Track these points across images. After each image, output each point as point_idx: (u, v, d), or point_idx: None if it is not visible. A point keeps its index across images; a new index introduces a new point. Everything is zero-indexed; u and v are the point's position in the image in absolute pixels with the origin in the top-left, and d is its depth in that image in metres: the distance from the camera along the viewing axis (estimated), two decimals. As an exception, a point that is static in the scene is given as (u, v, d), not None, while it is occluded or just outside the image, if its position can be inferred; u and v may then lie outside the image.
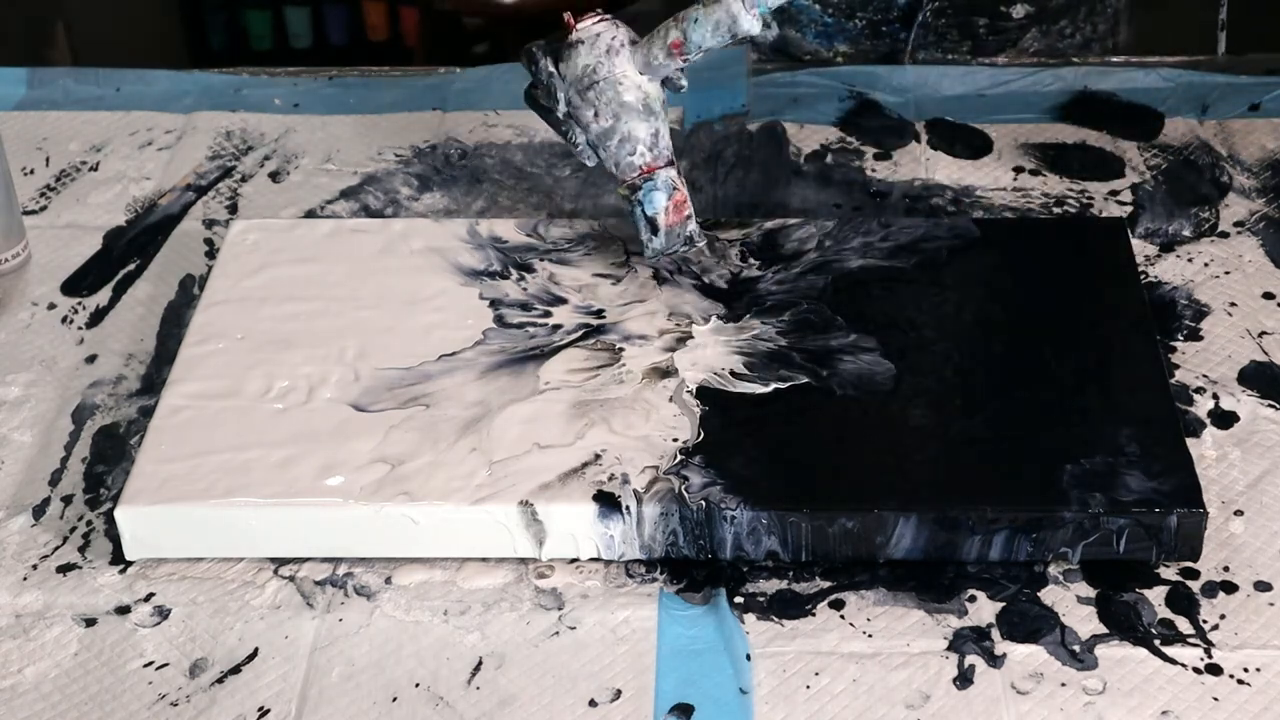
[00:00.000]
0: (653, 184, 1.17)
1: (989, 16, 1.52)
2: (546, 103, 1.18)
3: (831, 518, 1.01)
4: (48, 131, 1.47)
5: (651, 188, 1.17)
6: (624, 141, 1.16)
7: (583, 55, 1.16)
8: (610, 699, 0.97)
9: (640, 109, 1.16)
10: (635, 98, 1.16)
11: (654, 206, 1.17)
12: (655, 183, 1.17)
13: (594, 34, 1.16)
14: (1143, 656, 0.98)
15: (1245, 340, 1.19)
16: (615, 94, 1.15)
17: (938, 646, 0.99)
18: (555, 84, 1.17)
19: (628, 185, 1.17)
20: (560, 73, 1.16)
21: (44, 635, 1.02)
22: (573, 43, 1.16)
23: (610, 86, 1.15)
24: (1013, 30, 1.53)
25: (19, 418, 1.17)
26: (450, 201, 1.36)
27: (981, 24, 1.52)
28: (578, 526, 1.03)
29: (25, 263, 1.31)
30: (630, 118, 1.16)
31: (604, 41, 1.15)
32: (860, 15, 1.51)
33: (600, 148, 1.17)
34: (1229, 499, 1.07)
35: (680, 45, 1.15)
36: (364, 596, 1.03)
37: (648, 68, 1.16)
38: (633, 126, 1.16)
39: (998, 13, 1.52)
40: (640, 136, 1.16)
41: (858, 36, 1.52)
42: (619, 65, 1.16)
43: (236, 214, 1.36)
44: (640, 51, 1.16)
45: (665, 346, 1.14)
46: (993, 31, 1.52)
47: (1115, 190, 1.35)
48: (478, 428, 1.08)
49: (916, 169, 1.38)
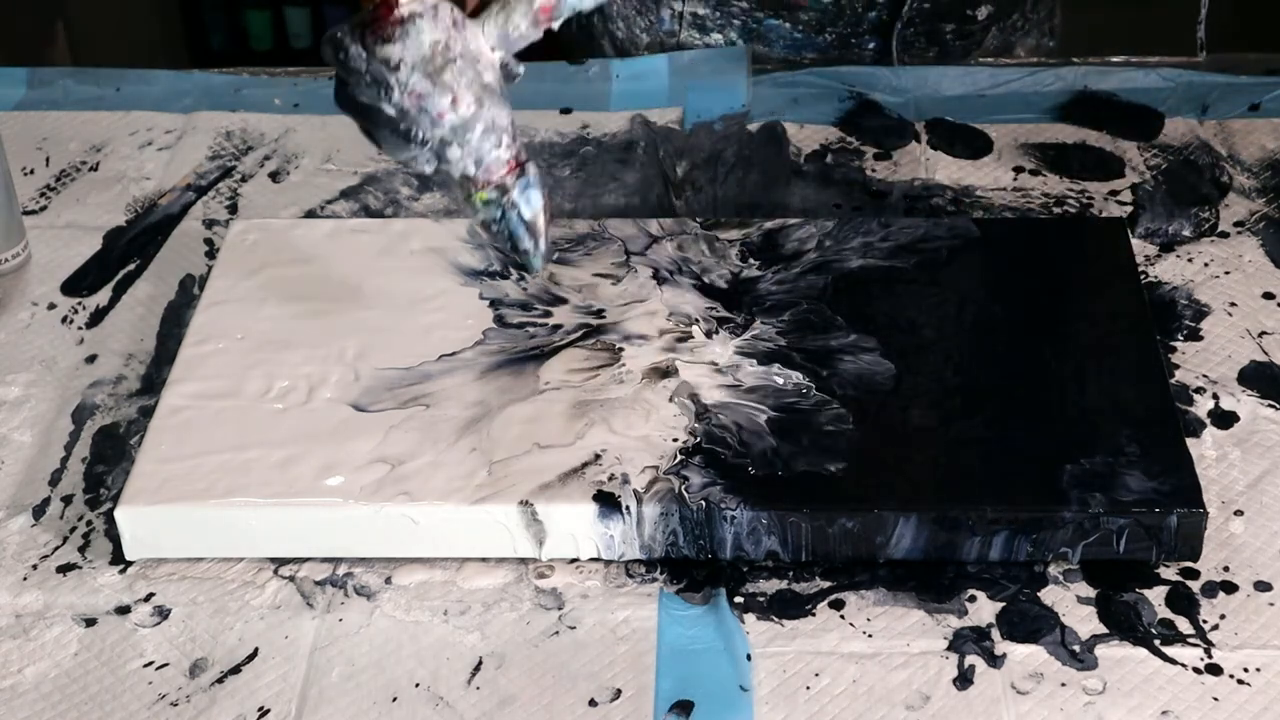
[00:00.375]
0: (526, 180, 0.99)
1: (955, 21, 1.52)
2: (368, 98, 0.97)
3: (831, 518, 1.02)
4: (48, 131, 1.47)
5: (526, 185, 0.99)
6: (488, 132, 0.97)
7: (426, 31, 0.95)
8: (610, 699, 0.97)
9: (499, 91, 0.98)
10: (493, 78, 0.98)
11: (533, 206, 0.99)
12: (528, 179, 0.99)
13: (430, 6, 0.96)
14: (1143, 656, 0.98)
15: (1245, 340, 1.19)
16: (475, 73, 0.97)
17: (938, 646, 0.99)
18: (383, 71, 0.96)
19: (494, 186, 0.99)
20: (390, 58, 0.95)
21: (44, 635, 1.02)
22: (404, 18, 0.95)
23: (469, 65, 0.96)
24: (977, 33, 1.53)
25: (19, 418, 1.17)
26: (450, 201, 1.36)
27: (949, 29, 1.53)
28: (578, 526, 1.03)
29: (25, 263, 1.31)
30: (493, 103, 0.97)
31: (445, 14, 0.96)
32: (830, 30, 1.51)
33: (455, 144, 0.97)
34: (1229, 499, 1.07)
35: (551, 9, 0.97)
36: (364, 596, 1.03)
37: (502, 41, 0.98)
38: (496, 114, 0.98)
39: (964, 16, 1.52)
40: (504, 125, 0.98)
41: (826, 49, 1.52)
42: (471, 40, 0.97)
43: (236, 214, 1.36)
44: (491, 23, 0.98)
45: (665, 346, 1.14)
46: (959, 36, 1.53)
47: (1115, 190, 1.34)
48: (478, 428, 1.08)
49: (916, 169, 1.38)
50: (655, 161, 1.38)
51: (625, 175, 1.38)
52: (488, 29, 0.98)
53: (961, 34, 1.53)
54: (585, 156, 1.40)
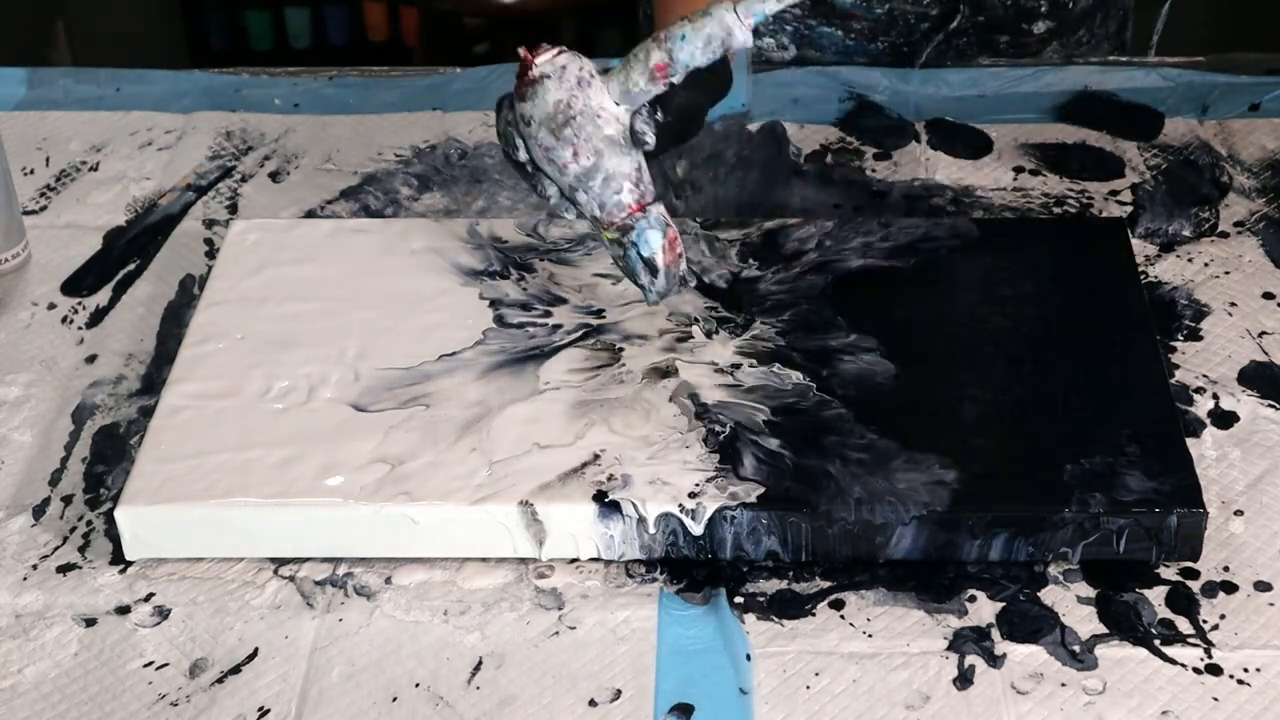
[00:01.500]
0: (646, 222, 1.09)
1: (1011, 34, 1.52)
2: (514, 154, 1.10)
3: (831, 518, 1.02)
4: (48, 131, 1.47)
5: (645, 226, 1.09)
6: (609, 180, 1.08)
7: (551, 90, 1.06)
8: (610, 699, 0.97)
9: (622, 143, 1.07)
10: (616, 131, 1.07)
11: (650, 246, 1.09)
12: (648, 220, 1.09)
13: (559, 66, 1.07)
14: (1143, 656, 0.98)
15: (1245, 340, 1.19)
16: (595, 128, 1.07)
17: (938, 646, 0.99)
18: (513, 132, 1.09)
19: (616, 227, 1.09)
20: (525, 115, 1.07)
21: (44, 635, 1.02)
22: (535, 79, 1.07)
23: (589, 120, 1.06)
24: (1033, 44, 1.53)
25: (19, 418, 1.17)
26: (450, 201, 1.36)
27: (1003, 40, 1.52)
28: (578, 526, 1.03)
29: (25, 263, 1.32)
30: (613, 153, 1.07)
31: (572, 74, 1.06)
32: (883, 39, 1.51)
33: (580, 190, 1.08)
34: (1229, 499, 1.07)
35: (665, 68, 1.06)
36: (364, 596, 1.03)
37: (625, 97, 1.07)
38: (616, 163, 1.08)
39: (1019, 29, 1.52)
40: (625, 172, 1.08)
41: (879, 56, 1.52)
42: (594, 97, 1.07)
43: (236, 214, 1.36)
44: (615, 81, 1.07)
45: (665, 346, 1.14)
46: (1014, 47, 1.52)
47: (1115, 190, 1.35)
48: (478, 428, 1.08)
49: (916, 169, 1.38)
50: (655, 161, 1.38)
51: (625, 175, 1.38)
52: (612, 86, 1.07)
53: (1016, 45, 1.52)
54: (585, 156, 1.40)
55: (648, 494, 1.02)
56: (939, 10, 1.49)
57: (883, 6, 1.48)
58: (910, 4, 1.49)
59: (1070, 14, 1.52)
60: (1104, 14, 1.55)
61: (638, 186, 1.09)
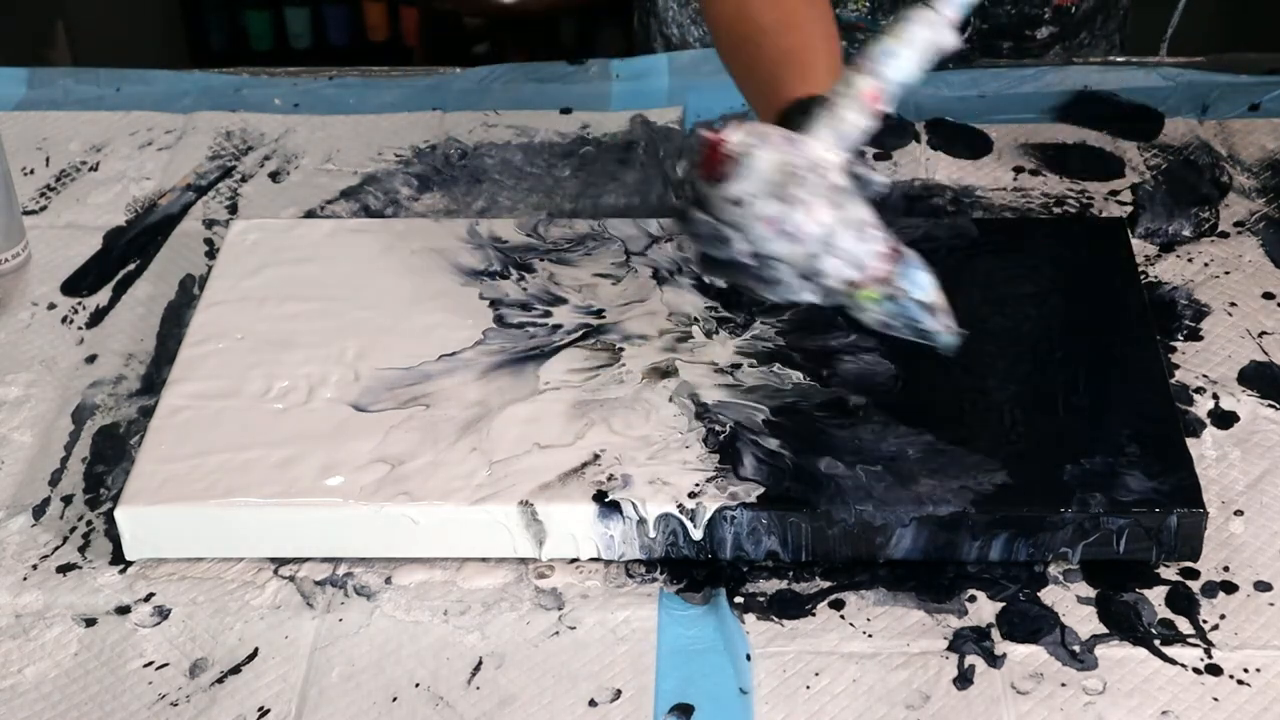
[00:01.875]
0: (907, 263, 0.96)
1: (1014, 40, 1.52)
2: (724, 252, 0.95)
3: (831, 518, 1.02)
4: (48, 131, 1.47)
5: (908, 267, 0.96)
6: (855, 231, 0.95)
7: (761, 157, 0.93)
8: (610, 699, 0.97)
9: (853, 190, 0.95)
10: (841, 178, 0.94)
11: (923, 287, 0.96)
12: (909, 260, 0.96)
13: (758, 134, 0.94)
14: (1143, 656, 0.98)
15: (1245, 340, 1.19)
16: (823, 180, 0.94)
17: (938, 646, 0.99)
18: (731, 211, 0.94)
19: (878, 281, 0.95)
20: (733, 196, 0.93)
21: (44, 635, 1.02)
22: (736, 154, 0.93)
23: (815, 175, 0.93)
24: (1036, 49, 1.52)
25: (19, 418, 1.17)
26: (450, 201, 1.36)
27: (1006, 47, 1.52)
28: (578, 526, 1.03)
29: (25, 263, 1.31)
30: (850, 202, 0.95)
31: (774, 135, 0.94)
32: None
33: (827, 255, 0.94)
34: (1229, 499, 1.07)
35: (879, 93, 0.95)
36: (364, 596, 1.03)
37: (840, 140, 0.95)
38: (855, 211, 0.95)
39: (1022, 35, 1.52)
40: (868, 219, 0.95)
41: None
42: (809, 149, 0.94)
43: (236, 214, 1.36)
44: (820, 128, 0.96)
45: (665, 346, 1.14)
46: (1016, 53, 1.52)
47: (1115, 190, 1.35)
48: (478, 428, 1.08)
49: (916, 169, 1.38)
50: (655, 161, 1.38)
51: (625, 175, 1.38)
52: (821, 135, 0.96)
53: (1019, 51, 1.52)
54: (585, 156, 1.40)
55: (648, 494, 1.02)
56: None
57: (887, 19, 1.47)
58: None
59: (1073, 19, 1.52)
60: (1104, 15, 1.55)
61: (884, 230, 0.96)
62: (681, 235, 0.98)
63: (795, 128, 0.97)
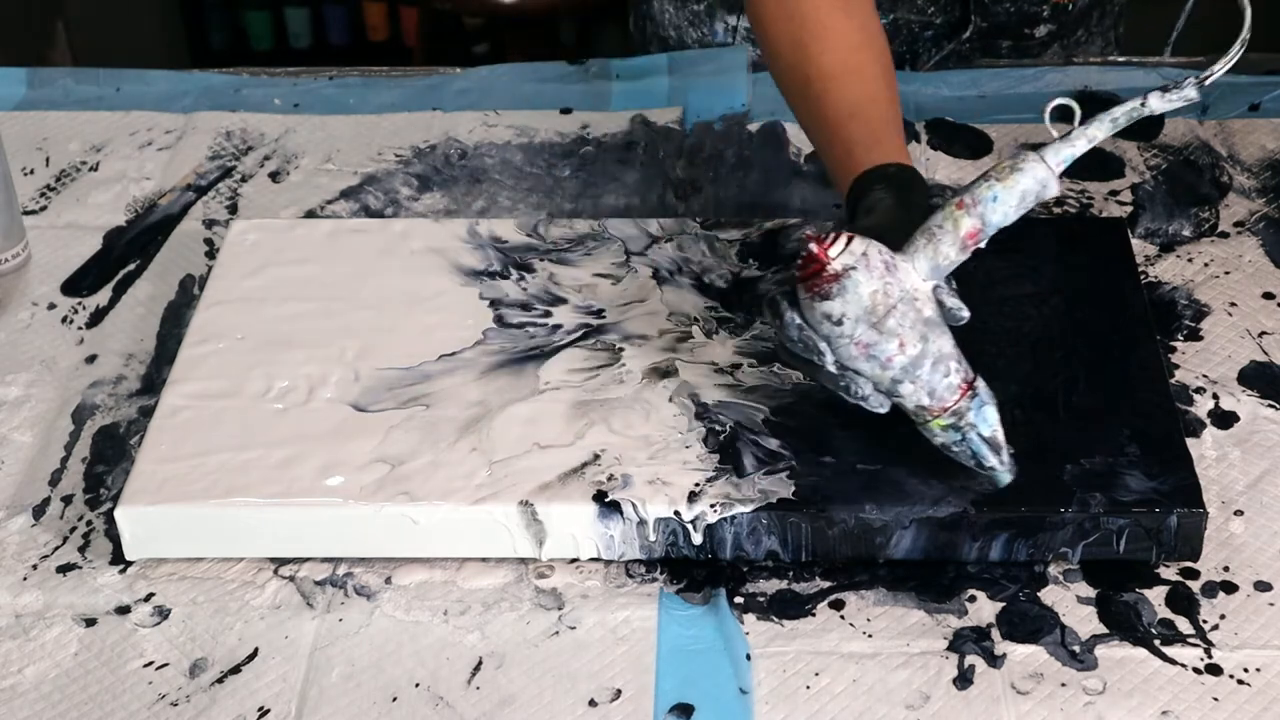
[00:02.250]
0: (979, 399, 0.99)
1: (1013, 38, 1.52)
2: (807, 355, 1.00)
3: (831, 518, 1.01)
4: (48, 131, 1.47)
5: (979, 403, 0.99)
6: (937, 364, 0.98)
7: (863, 283, 0.96)
8: (610, 699, 0.97)
9: (939, 322, 0.99)
10: (933, 311, 0.99)
11: (990, 424, 1.00)
12: (981, 396, 1.00)
13: (860, 255, 0.97)
14: (1143, 656, 0.98)
15: (1245, 340, 1.19)
16: (916, 313, 0.98)
17: (938, 646, 0.99)
18: (811, 337, 0.99)
19: (950, 412, 0.99)
20: (832, 315, 0.97)
21: (44, 635, 1.02)
22: (839, 274, 0.96)
23: (910, 307, 0.97)
24: (1034, 47, 1.52)
25: (19, 418, 1.17)
26: (450, 201, 1.36)
27: (1005, 45, 1.52)
28: (578, 526, 1.03)
29: (25, 263, 1.31)
30: (935, 335, 0.99)
31: (875, 260, 0.97)
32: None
33: (906, 381, 0.99)
34: (1229, 499, 1.07)
35: (978, 234, 0.99)
36: (364, 596, 1.03)
37: (934, 272, 0.99)
38: (940, 344, 0.99)
39: (1021, 34, 1.52)
40: (949, 352, 0.99)
41: None
42: (905, 279, 0.98)
43: (236, 214, 1.36)
44: (922, 256, 0.99)
45: (665, 346, 1.14)
46: (1015, 52, 1.52)
47: (1115, 190, 1.35)
48: (478, 428, 1.08)
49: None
50: (655, 161, 1.38)
51: (625, 175, 1.38)
52: (919, 264, 0.99)
53: (1018, 49, 1.52)
54: (585, 156, 1.40)
55: (648, 494, 1.02)
56: (944, 19, 1.49)
57: (887, 17, 1.47)
58: (914, 14, 1.49)
59: (1070, 15, 1.52)
60: (1100, 12, 1.55)
61: (961, 364, 1.00)
62: (769, 325, 1.03)
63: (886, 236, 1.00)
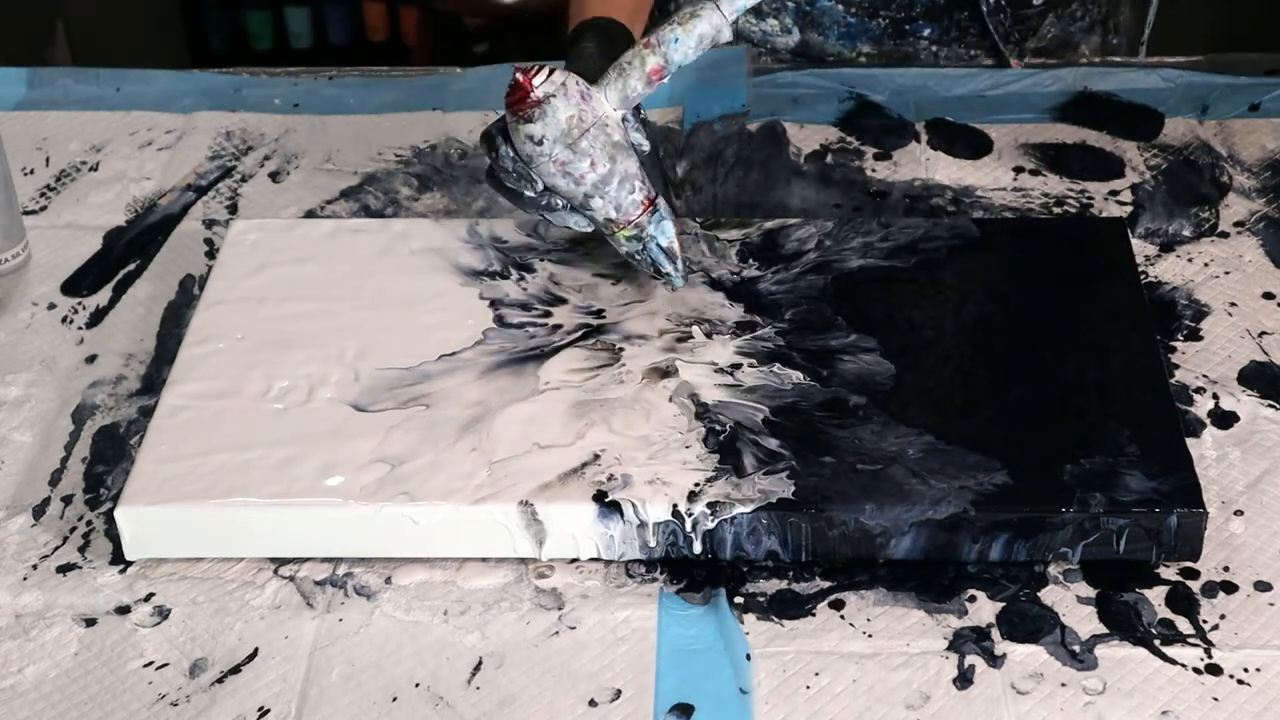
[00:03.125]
0: (659, 214, 1.14)
1: (1010, 7, 1.51)
2: (516, 185, 1.14)
3: (831, 518, 1.02)
4: (48, 131, 1.47)
5: (659, 218, 1.14)
6: (624, 181, 1.12)
7: (561, 108, 1.10)
8: (610, 699, 0.97)
9: (626, 145, 1.13)
10: (621, 136, 1.13)
11: (668, 235, 1.14)
12: (660, 212, 1.14)
13: (559, 84, 1.10)
14: (1143, 656, 0.98)
15: (1245, 340, 1.19)
16: (606, 136, 1.12)
17: (938, 646, 0.99)
18: (522, 164, 1.13)
19: (633, 224, 1.14)
20: (534, 135, 1.11)
21: (44, 635, 1.02)
22: (540, 100, 1.10)
23: (601, 131, 1.11)
24: (1032, 19, 1.52)
25: (19, 418, 1.17)
26: (450, 201, 1.36)
27: (1005, 19, 1.52)
28: (578, 526, 1.03)
29: (25, 263, 1.32)
30: (622, 156, 1.12)
31: (573, 89, 1.11)
32: (884, 14, 1.50)
33: (596, 196, 1.12)
34: (1229, 499, 1.07)
35: (661, 70, 1.12)
36: (364, 596, 1.03)
37: (623, 103, 1.13)
38: (627, 165, 1.13)
39: (1018, 1, 1.51)
40: (634, 172, 1.13)
41: (880, 36, 1.51)
42: (598, 107, 1.12)
43: (236, 214, 1.36)
44: (612, 88, 1.13)
45: (665, 346, 1.14)
46: (1014, 21, 1.52)
47: (1115, 190, 1.35)
48: (478, 428, 1.08)
49: (916, 169, 1.38)
50: (655, 161, 1.38)
51: (625, 175, 1.38)
52: (609, 94, 1.13)
53: (1017, 19, 1.51)
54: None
55: (648, 494, 1.02)
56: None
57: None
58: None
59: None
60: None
61: (644, 183, 1.14)
62: (483, 154, 1.17)
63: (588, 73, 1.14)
